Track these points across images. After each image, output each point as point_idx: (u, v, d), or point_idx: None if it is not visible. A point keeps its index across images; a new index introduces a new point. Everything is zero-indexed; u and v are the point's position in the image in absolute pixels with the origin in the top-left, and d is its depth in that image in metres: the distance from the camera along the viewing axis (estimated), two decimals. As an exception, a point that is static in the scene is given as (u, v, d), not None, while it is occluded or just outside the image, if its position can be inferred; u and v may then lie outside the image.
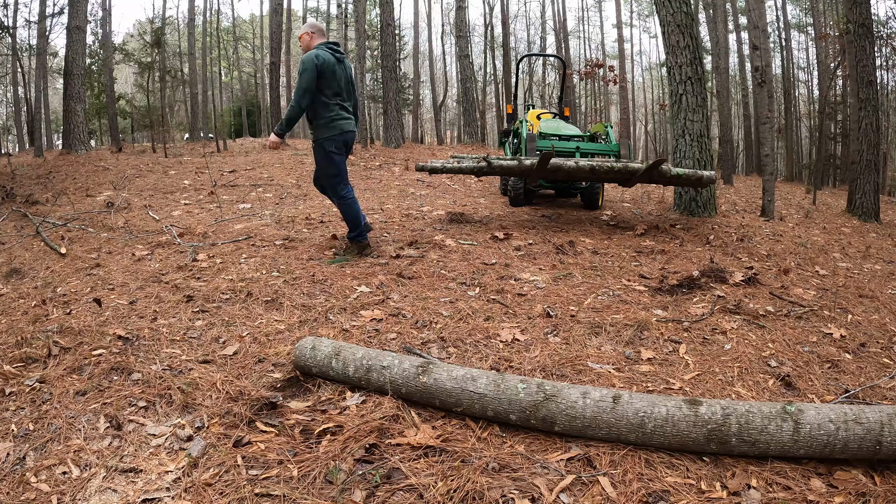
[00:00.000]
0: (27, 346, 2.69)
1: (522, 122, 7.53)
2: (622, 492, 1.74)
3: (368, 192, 7.66)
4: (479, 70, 25.59)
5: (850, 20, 8.51)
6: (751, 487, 1.77)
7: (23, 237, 5.23)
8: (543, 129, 6.99)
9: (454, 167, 5.62)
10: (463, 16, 17.25)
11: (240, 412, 2.17)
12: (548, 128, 7.08)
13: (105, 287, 3.69)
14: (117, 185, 8.09)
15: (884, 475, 1.85)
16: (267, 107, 21.36)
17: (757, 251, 5.14)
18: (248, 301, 3.39)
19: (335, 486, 1.77)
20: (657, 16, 6.99)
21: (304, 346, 2.46)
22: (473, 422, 2.12)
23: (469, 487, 1.72)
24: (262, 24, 27.17)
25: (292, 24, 26.87)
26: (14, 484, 1.78)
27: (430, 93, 31.94)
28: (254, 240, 4.83)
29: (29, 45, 16.37)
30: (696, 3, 17.67)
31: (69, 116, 12.01)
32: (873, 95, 8.45)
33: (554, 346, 2.85)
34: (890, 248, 6.31)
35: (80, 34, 12.32)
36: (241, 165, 9.89)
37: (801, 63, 25.67)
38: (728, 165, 14.42)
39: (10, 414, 2.17)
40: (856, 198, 8.76)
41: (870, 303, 3.86)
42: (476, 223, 5.73)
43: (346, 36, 14.38)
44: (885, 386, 2.54)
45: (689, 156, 6.67)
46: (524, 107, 8.53)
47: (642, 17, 32.34)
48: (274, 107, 15.29)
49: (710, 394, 2.40)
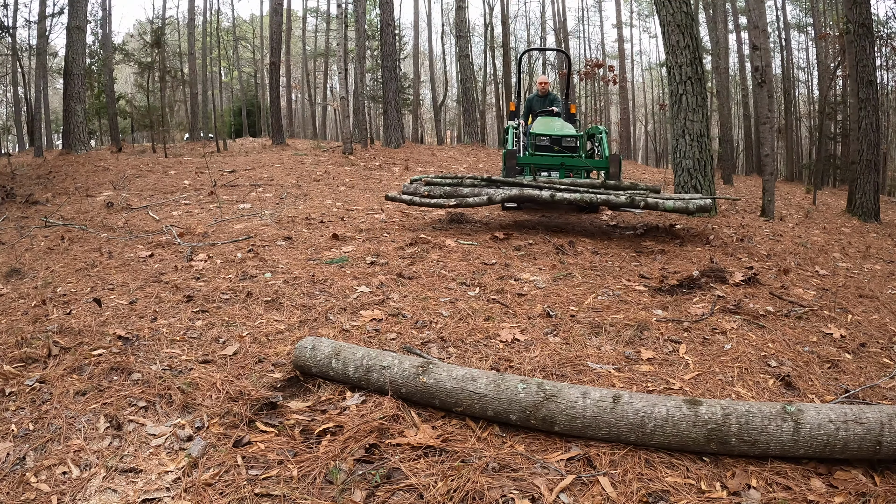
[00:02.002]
0: (27, 346, 2.69)
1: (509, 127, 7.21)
2: (622, 492, 1.74)
3: (368, 192, 7.66)
4: (479, 70, 25.60)
5: (850, 20, 8.51)
6: (751, 487, 1.77)
7: (22, 237, 5.23)
8: (535, 128, 6.68)
9: (423, 201, 5.25)
10: (463, 16, 17.25)
11: (240, 412, 2.17)
12: (540, 127, 6.75)
13: (105, 287, 3.69)
14: (117, 185, 8.08)
15: (884, 475, 1.85)
16: (267, 107, 21.36)
17: (757, 251, 5.14)
18: (248, 301, 3.39)
19: (335, 486, 1.77)
20: (657, 16, 6.99)
21: (304, 346, 2.46)
22: (473, 422, 2.12)
23: (469, 487, 1.72)
24: (262, 24, 27.17)
25: (292, 24, 26.89)
26: (14, 484, 1.78)
27: (430, 93, 31.97)
28: (254, 240, 4.83)
29: (29, 45, 16.38)
30: (696, 3, 17.67)
31: (69, 116, 12.02)
32: (873, 95, 8.45)
33: (554, 346, 2.85)
34: (890, 248, 6.31)
35: (80, 34, 12.33)
36: (241, 165, 9.89)
37: (801, 63, 25.70)
38: (728, 165, 14.43)
39: (10, 414, 2.17)
40: (856, 198, 8.77)
41: (870, 303, 3.86)
42: (476, 223, 5.73)
43: (346, 36, 14.34)
44: (885, 386, 2.54)
45: (689, 156, 6.67)
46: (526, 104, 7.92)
47: (642, 17, 32.34)
48: (274, 107, 15.27)
49: (710, 394, 2.40)
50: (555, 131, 6.56)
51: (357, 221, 5.67)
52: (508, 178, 5.65)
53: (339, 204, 6.65)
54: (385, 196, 5.28)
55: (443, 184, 5.51)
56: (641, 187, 5.34)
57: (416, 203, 5.25)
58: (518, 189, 5.14)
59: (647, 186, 5.40)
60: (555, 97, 7.62)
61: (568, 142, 6.51)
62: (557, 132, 6.54)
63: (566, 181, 5.55)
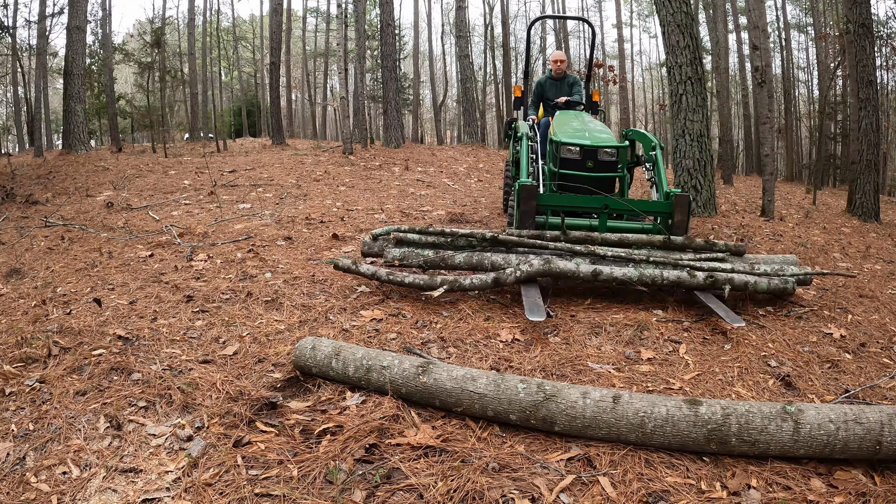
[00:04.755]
0: (27, 346, 2.69)
1: (513, 123, 5.68)
2: (622, 492, 1.74)
3: (368, 192, 7.66)
4: (479, 70, 25.60)
5: (850, 20, 8.51)
6: (751, 487, 1.77)
7: (22, 236, 5.23)
8: (559, 133, 4.57)
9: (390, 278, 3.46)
10: (463, 16, 17.25)
11: (240, 412, 2.17)
12: (566, 131, 4.61)
13: (105, 287, 3.69)
14: (117, 185, 8.09)
15: (884, 475, 1.86)
16: (267, 107, 21.36)
17: (757, 251, 5.14)
18: (248, 301, 3.39)
19: (335, 486, 1.77)
20: (657, 16, 6.99)
21: (304, 346, 2.46)
22: (473, 422, 2.12)
23: (469, 487, 1.72)
24: (262, 24, 27.16)
25: (292, 24, 26.89)
26: (14, 484, 1.78)
27: (430, 93, 31.95)
28: (254, 240, 4.83)
29: (29, 45, 16.36)
30: (696, 3, 17.67)
31: (69, 116, 12.02)
32: (873, 95, 8.45)
33: (554, 346, 2.85)
34: (890, 248, 6.31)
35: (80, 34, 12.32)
36: (241, 165, 9.89)
37: (801, 63, 25.68)
38: (728, 165, 14.42)
39: (10, 414, 2.17)
40: (856, 198, 8.76)
41: (870, 303, 3.86)
42: (476, 223, 5.73)
43: (346, 36, 14.34)
44: (885, 386, 2.54)
45: (689, 156, 6.67)
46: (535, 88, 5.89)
47: (642, 17, 32.34)
48: (274, 107, 15.28)
49: (710, 394, 2.40)
50: (588, 140, 4.48)
51: (357, 221, 5.67)
52: (524, 228, 3.93)
53: (339, 204, 6.65)
54: (335, 265, 3.54)
55: (423, 242, 3.74)
56: (720, 248, 3.73)
57: (382, 279, 3.47)
58: (542, 261, 3.28)
59: (726, 245, 3.75)
60: (574, 80, 5.73)
61: (606, 154, 4.47)
62: (594, 141, 4.47)
63: (613, 236, 3.79)
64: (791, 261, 3.78)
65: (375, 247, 3.86)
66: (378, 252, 3.85)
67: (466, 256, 3.61)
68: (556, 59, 5.77)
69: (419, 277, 3.39)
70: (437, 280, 3.33)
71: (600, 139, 4.50)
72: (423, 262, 3.66)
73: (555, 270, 3.26)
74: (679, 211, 4.02)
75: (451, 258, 3.62)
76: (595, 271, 3.28)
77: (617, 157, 4.50)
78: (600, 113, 6.07)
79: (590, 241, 3.73)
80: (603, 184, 4.49)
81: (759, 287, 3.37)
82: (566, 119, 4.91)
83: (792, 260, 3.80)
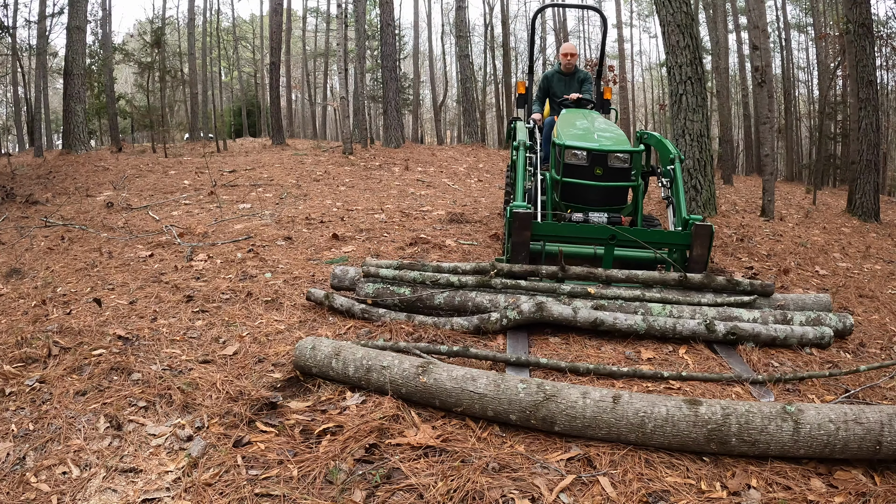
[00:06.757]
0: (27, 346, 2.69)
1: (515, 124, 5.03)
2: (622, 492, 1.74)
3: (368, 192, 7.66)
4: (479, 70, 25.58)
5: (850, 20, 8.51)
6: (751, 487, 1.77)
7: (22, 236, 5.23)
8: (564, 135, 3.97)
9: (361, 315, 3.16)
10: (463, 16, 17.26)
11: (240, 412, 2.17)
12: (572, 133, 4.02)
13: (105, 287, 3.69)
14: (117, 185, 8.09)
15: (884, 475, 1.86)
16: (267, 107, 21.36)
17: (757, 251, 5.14)
18: (248, 301, 3.39)
19: (335, 486, 1.77)
20: (657, 16, 6.99)
21: (304, 346, 2.46)
22: (473, 422, 2.12)
23: (469, 487, 1.72)
24: (262, 24, 27.16)
25: (292, 24, 26.88)
26: (14, 484, 1.78)
27: (430, 93, 31.96)
28: (254, 240, 4.83)
29: (29, 45, 16.36)
30: (696, 3, 17.67)
31: (69, 116, 12.02)
32: (873, 95, 8.45)
33: (554, 346, 2.85)
34: (890, 248, 6.31)
35: (80, 34, 12.32)
36: (241, 165, 9.89)
37: (801, 63, 25.67)
38: (728, 165, 14.43)
39: (10, 414, 2.17)
40: (856, 198, 8.77)
41: (870, 303, 3.86)
42: (476, 223, 5.73)
43: (346, 36, 14.33)
44: (885, 386, 2.54)
45: (689, 156, 6.67)
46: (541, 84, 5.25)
47: (642, 17, 32.33)
48: (274, 107, 15.28)
49: (710, 394, 2.40)
50: (597, 143, 3.87)
51: (357, 221, 5.67)
52: (517, 262, 3.42)
53: (339, 204, 6.65)
54: (307, 297, 3.32)
55: (401, 279, 3.27)
56: (744, 288, 3.23)
57: (357, 317, 3.15)
58: (533, 305, 2.93)
59: (752, 285, 3.23)
60: (586, 76, 5.14)
61: (617, 160, 3.85)
62: (603, 144, 3.86)
63: (621, 273, 3.27)
64: (824, 303, 3.29)
65: (347, 279, 3.43)
66: (348, 286, 3.43)
67: (447, 297, 3.14)
68: (567, 51, 5.10)
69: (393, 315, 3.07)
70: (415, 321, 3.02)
71: (611, 142, 3.88)
72: (398, 302, 3.19)
73: (548, 318, 2.93)
74: (699, 244, 3.42)
75: (431, 298, 3.15)
76: (596, 321, 2.91)
77: (630, 163, 3.85)
78: (612, 112, 5.62)
79: (593, 277, 3.27)
80: (613, 195, 3.91)
81: (788, 343, 2.93)
82: (572, 119, 4.35)
83: (825, 302, 3.30)
